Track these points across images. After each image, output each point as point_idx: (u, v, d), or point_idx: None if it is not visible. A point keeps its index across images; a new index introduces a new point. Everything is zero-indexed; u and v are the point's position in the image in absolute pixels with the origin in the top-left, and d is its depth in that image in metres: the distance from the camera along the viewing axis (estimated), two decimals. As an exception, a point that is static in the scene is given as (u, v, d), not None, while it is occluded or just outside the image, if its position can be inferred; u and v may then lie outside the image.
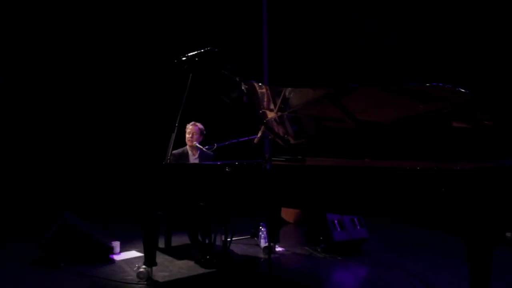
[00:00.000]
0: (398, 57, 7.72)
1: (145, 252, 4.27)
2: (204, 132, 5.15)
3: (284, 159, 4.37)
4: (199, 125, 5.13)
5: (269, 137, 4.56)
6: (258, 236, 5.54)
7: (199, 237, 4.92)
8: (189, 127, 5.10)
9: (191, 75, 4.31)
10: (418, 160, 3.52)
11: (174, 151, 4.89)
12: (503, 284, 3.99)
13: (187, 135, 5.10)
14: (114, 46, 8.23)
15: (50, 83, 7.81)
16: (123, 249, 5.15)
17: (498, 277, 2.97)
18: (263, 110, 4.49)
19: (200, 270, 4.54)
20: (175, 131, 4.33)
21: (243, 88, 4.49)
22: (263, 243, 5.35)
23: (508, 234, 5.41)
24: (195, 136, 5.06)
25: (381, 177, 3.02)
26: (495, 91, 6.36)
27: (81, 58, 8.02)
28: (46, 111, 7.79)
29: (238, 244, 5.51)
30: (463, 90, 2.89)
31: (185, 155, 5.12)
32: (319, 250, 5.27)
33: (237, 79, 4.43)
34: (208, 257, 4.68)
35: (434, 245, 5.42)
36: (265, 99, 4.37)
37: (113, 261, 4.83)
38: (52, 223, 4.93)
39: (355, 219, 5.40)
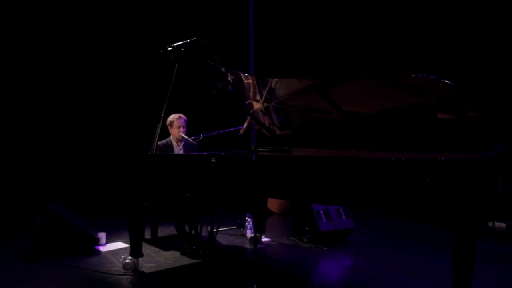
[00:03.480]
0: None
1: (131, 243, 4.27)
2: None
3: (270, 150, 4.38)
4: (184, 116, 5.12)
5: (255, 128, 4.56)
6: (244, 227, 5.56)
7: (186, 228, 4.93)
8: (180, 121, 5.05)
9: (177, 65, 4.28)
10: (403, 151, 3.55)
11: (158, 142, 4.87)
12: (487, 275, 4.06)
13: (176, 129, 5.05)
14: (98, 36, 8.13)
15: (31, 75, 7.67)
16: (109, 240, 5.13)
17: (481, 267, 3.01)
18: (249, 100, 4.48)
19: (186, 261, 4.55)
20: (161, 121, 4.31)
21: (229, 78, 4.48)
22: (249, 233, 5.37)
23: (490, 224, 5.49)
24: (184, 129, 5.06)
25: (367, 167, 3.04)
26: (483, 84, 6.40)
27: (64, 47, 7.89)
28: (29, 103, 7.67)
29: (224, 235, 5.52)
30: (448, 82, 2.91)
31: (169, 146, 5.11)
32: (305, 240, 5.30)
33: (224, 69, 4.42)
34: (194, 247, 4.69)
35: (422, 238, 5.48)
36: (251, 90, 4.36)
37: (99, 252, 4.82)
38: (38, 215, 4.89)
39: (341, 210, 5.43)
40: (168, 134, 5.13)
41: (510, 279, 4.08)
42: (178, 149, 5.14)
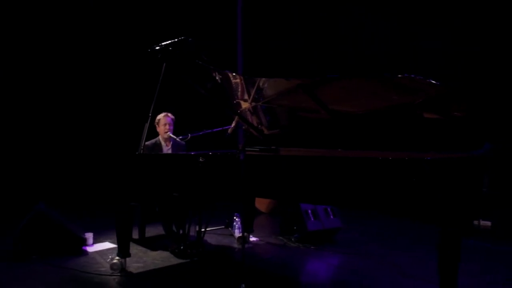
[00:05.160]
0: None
1: (118, 243, 4.24)
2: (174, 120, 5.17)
3: (258, 150, 4.38)
4: (171, 115, 5.12)
5: (243, 127, 4.57)
6: (232, 226, 5.56)
7: (173, 228, 4.91)
8: (166, 119, 5.05)
9: (164, 64, 4.27)
10: (390, 150, 3.58)
11: (147, 142, 4.85)
12: (473, 272, 4.11)
13: (162, 127, 5.05)
14: (86, 35, 8.07)
15: (17, 75, 7.61)
16: (96, 240, 5.10)
17: (466, 265, 3.04)
18: (237, 100, 4.49)
19: (174, 261, 4.54)
20: (149, 121, 4.30)
21: (217, 78, 4.47)
22: (237, 233, 5.37)
23: (475, 222, 5.55)
24: (170, 127, 5.06)
25: (354, 167, 3.06)
26: (471, 84, 6.45)
27: (51, 45, 7.83)
28: (16, 104, 7.59)
29: (212, 235, 5.52)
30: (434, 82, 2.94)
31: (158, 146, 5.09)
32: (293, 239, 5.32)
33: (212, 69, 4.41)
34: (182, 247, 4.68)
35: (417, 236, 5.50)
36: (239, 89, 4.37)
37: (86, 252, 4.79)
38: (25, 215, 4.83)
39: (329, 209, 5.45)
40: (156, 134, 5.12)
41: (494, 276, 4.13)
42: (167, 149, 5.13)
